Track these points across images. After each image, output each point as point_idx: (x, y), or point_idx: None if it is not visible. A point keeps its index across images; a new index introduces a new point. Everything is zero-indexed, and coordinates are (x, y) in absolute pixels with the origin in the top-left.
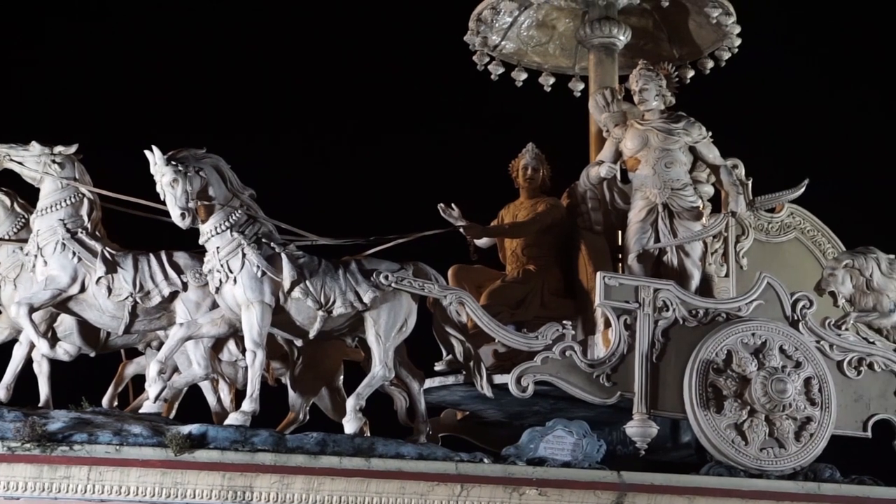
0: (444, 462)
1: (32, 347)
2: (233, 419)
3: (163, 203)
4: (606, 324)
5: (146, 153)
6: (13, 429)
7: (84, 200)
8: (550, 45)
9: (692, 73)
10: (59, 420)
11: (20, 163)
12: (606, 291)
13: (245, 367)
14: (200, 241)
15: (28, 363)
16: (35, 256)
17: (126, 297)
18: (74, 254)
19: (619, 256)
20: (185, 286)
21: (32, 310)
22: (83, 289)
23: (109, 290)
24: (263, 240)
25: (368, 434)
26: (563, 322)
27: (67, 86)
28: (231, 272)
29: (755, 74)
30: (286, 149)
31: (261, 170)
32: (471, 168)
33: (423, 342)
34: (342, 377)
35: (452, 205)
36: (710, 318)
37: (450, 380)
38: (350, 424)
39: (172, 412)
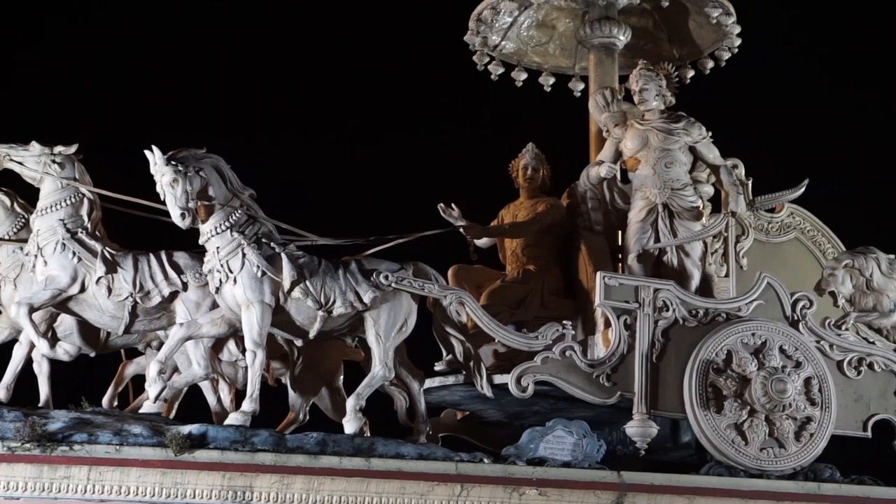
0: (444, 462)
1: (32, 347)
2: (233, 419)
3: (163, 203)
4: (606, 324)
5: (146, 153)
6: (13, 429)
7: (84, 200)
8: (550, 45)
9: (692, 73)
10: (59, 420)
11: (20, 163)
12: (606, 291)
13: (245, 367)
14: (200, 241)
15: (28, 363)
16: (35, 256)
17: (126, 297)
18: (74, 254)
19: (619, 256)
20: (185, 286)
21: (32, 310)
22: (83, 289)
23: (109, 290)
24: (263, 240)
25: (368, 434)
26: (563, 322)
27: (67, 86)
28: (231, 272)
29: (755, 74)
30: (286, 149)
31: (261, 170)
32: (471, 168)
33: (423, 342)
34: (342, 377)
35: (452, 205)
36: (710, 318)
37: (450, 380)
38: (350, 424)
39: (172, 412)
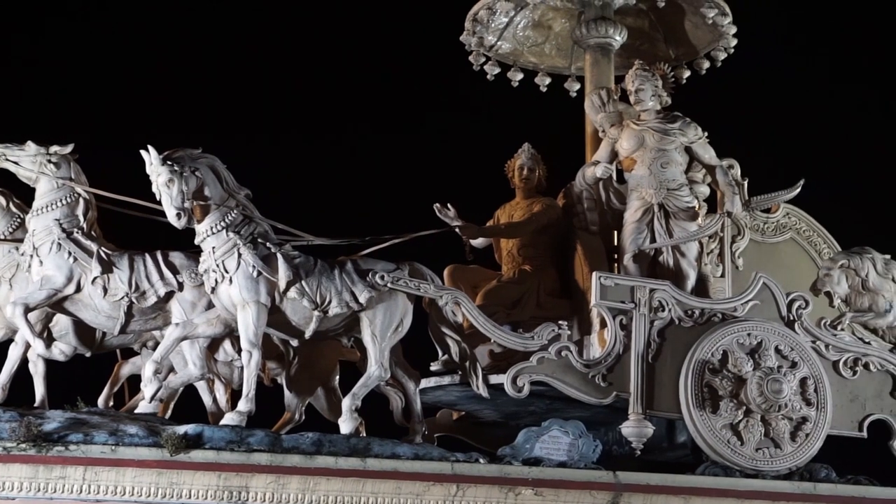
0: (440, 462)
1: (28, 347)
2: (228, 419)
3: (159, 203)
4: (602, 324)
5: (142, 153)
6: (9, 429)
7: (80, 200)
8: (546, 46)
9: (688, 74)
10: (55, 420)
11: (16, 162)
12: (602, 291)
13: (241, 367)
14: (196, 241)
15: (24, 363)
16: (31, 256)
17: (122, 297)
18: (70, 254)
19: (615, 257)
20: (181, 286)
21: (28, 310)
22: (79, 289)
23: (105, 290)
24: (259, 240)
25: (364, 434)
26: (559, 322)
27: (65, 85)
28: (227, 272)
29: (751, 75)
30: (282, 149)
31: (257, 170)
32: (467, 168)
33: (419, 342)
34: (338, 377)
35: (448, 205)
36: (706, 319)
37: (446, 380)
38: (346, 424)
39: (168, 412)
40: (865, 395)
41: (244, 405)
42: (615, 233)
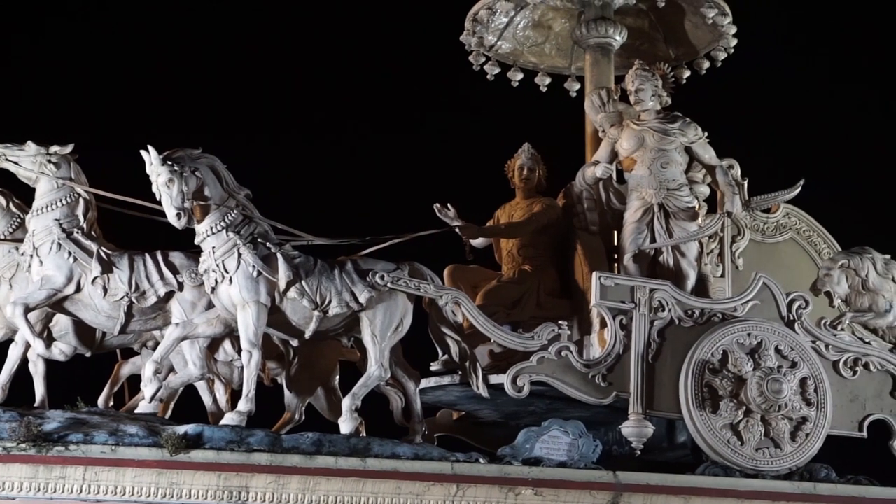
0: (440, 462)
1: (28, 347)
2: (228, 419)
3: (159, 203)
4: (602, 324)
5: (142, 153)
6: (9, 429)
7: (80, 200)
8: (546, 46)
9: (688, 74)
10: (55, 420)
11: (16, 163)
12: (602, 292)
13: (241, 367)
14: (196, 241)
15: (24, 363)
16: (31, 256)
17: (122, 297)
18: (70, 254)
19: (615, 257)
20: (181, 286)
21: (28, 310)
22: (79, 289)
23: (105, 290)
24: (259, 240)
25: (364, 434)
26: (559, 322)
27: (65, 85)
28: (227, 272)
29: (751, 74)
30: (282, 149)
31: (257, 170)
32: (467, 168)
33: (419, 342)
34: (338, 377)
35: (448, 205)
36: (706, 319)
37: (446, 380)
38: (346, 424)
39: (168, 412)
40: (865, 396)
41: (244, 405)
42: (615, 233)
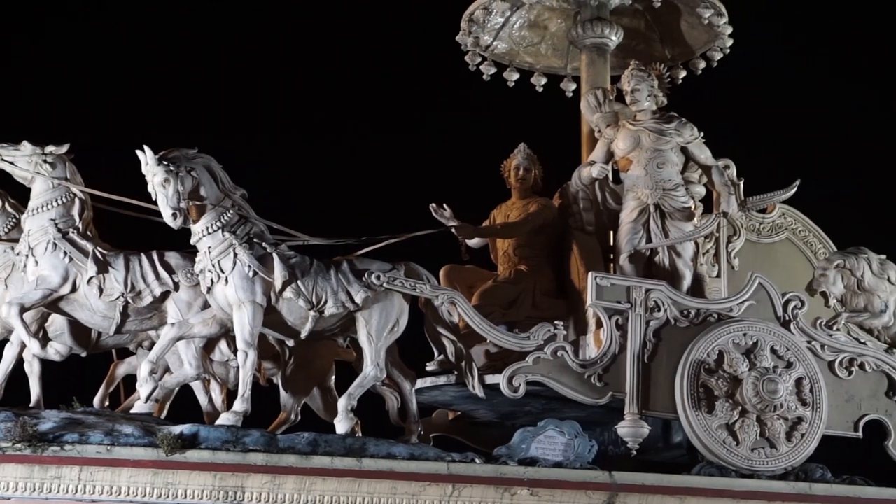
0: (436, 462)
1: (23, 348)
2: (224, 419)
3: (154, 203)
4: (598, 324)
5: (138, 153)
6: (4, 429)
7: (75, 200)
8: (542, 46)
9: (684, 74)
10: (51, 420)
11: (11, 162)
12: (598, 292)
13: (236, 367)
14: (192, 241)
15: (19, 363)
16: (26, 256)
17: (117, 297)
18: (66, 254)
19: (611, 257)
20: (177, 286)
21: (23, 310)
22: (74, 289)
23: (101, 290)
24: (255, 240)
25: (360, 434)
26: (555, 322)
27: (64, 85)
28: (222, 272)
29: (747, 75)
30: (278, 149)
31: (252, 170)
32: (462, 168)
33: (415, 342)
34: (334, 377)
35: (444, 205)
36: (702, 319)
37: (441, 380)
38: (341, 424)
39: (164, 412)
40: (861, 396)
41: (240, 405)
42: (611, 233)
